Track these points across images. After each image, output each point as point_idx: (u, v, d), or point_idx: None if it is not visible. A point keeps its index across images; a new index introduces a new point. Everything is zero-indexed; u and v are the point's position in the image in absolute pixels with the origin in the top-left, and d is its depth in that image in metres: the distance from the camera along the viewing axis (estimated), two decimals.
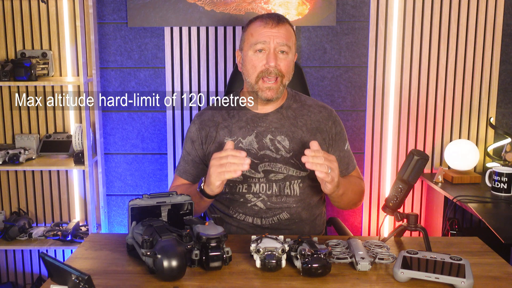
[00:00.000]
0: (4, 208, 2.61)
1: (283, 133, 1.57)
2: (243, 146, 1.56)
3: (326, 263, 1.13)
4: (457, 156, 2.42)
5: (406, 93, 2.55)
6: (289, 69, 1.54)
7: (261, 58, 1.51)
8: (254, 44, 1.51)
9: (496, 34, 2.51)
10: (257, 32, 1.51)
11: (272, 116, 1.59)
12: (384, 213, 1.46)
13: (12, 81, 2.26)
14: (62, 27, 2.47)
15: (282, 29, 1.50)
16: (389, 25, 2.50)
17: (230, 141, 1.37)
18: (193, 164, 1.63)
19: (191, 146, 1.63)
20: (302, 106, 1.64)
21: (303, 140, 1.57)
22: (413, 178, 1.34)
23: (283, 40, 1.50)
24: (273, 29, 1.49)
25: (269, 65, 1.49)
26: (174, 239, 1.11)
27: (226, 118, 1.61)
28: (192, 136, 1.64)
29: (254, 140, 1.56)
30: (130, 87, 2.55)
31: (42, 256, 1.00)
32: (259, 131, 1.57)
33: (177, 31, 2.50)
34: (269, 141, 1.56)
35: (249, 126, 1.58)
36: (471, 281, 1.07)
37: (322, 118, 1.62)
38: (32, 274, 2.67)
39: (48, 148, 2.49)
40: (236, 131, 1.58)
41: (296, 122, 1.59)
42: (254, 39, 1.51)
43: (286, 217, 1.56)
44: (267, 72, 1.50)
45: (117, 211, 2.67)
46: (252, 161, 1.53)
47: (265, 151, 1.55)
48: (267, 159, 1.54)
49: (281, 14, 1.58)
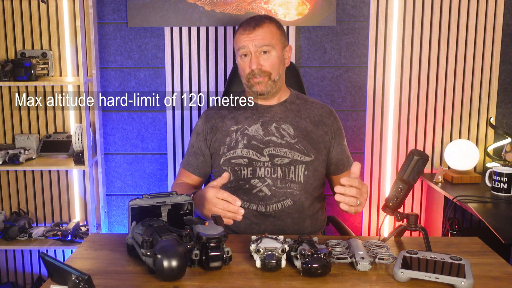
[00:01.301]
0: (4, 208, 2.61)
1: (288, 122, 1.67)
2: (248, 133, 1.64)
3: (326, 263, 1.13)
4: (457, 156, 2.42)
5: (406, 93, 2.55)
6: (274, 65, 1.64)
7: (246, 62, 1.63)
8: (238, 50, 1.65)
9: (496, 34, 2.51)
10: (238, 39, 1.64)
11: (276, 108, 1.70)
12: (384, 213, 1.47)
13: (12, 81, 2.26)
14: (62, 27, 2.47)
15: (259, 32, 1.61)
16: (389, 25, 2.50)
17: (226, 172, 1.43)
18: (195, 156, 1.72)
19: (195, 139, 1.73)
20: (305, 102, 1.75)
21: (307, 129, 1.66)
22: (413, 178, 1.34)
23: (261, 41, 1.61)
24: (250, 34, 1.61)
25: (252, 68, 1.61)
26: (174, 239, 1.11)
27: (232, 110, 1.72)
28: (198, 129, 1.73)
29: (260, 128, 1.65)
30: (130, 87, 2.55)
31: (42, 256, 1.00)
32: (265, 120, 1.67)
33: (177, 31, 2.50)
34: (274, 129, 1.65)
35: (255, 116, 1.68)
36: (471, 281, 1.07)
37: (324, 113, 1.73)
38: (32, 274, 2.67)
39: (48, 148, 2.49)
40: (242, 120, 1.68)
41: (300, 114, 1.69)
42: (237, 45, 1.65)
43: (289, 204, 1.60)
44: (252, 74, 1.62)
45: (117, 211, 2.67)
46: (257, 146, 1.62)
47: (270, 137, 1.63)
48: (273, 144, 1.62)
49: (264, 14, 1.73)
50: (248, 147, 1.62)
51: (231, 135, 1.65)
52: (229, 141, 1.65)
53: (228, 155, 1.63)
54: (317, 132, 1.67)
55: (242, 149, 1.62)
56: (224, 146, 1.65)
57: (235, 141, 1.64)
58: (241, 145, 1.63)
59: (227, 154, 1.64)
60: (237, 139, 1.64)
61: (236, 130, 1.66)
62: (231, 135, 1.65)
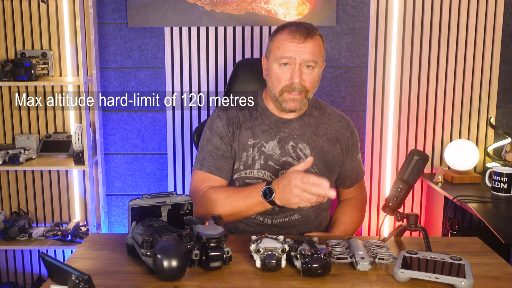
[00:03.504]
0: (4, 208, 2.61)
1: (305, 141, 1.57)
2: (265, 151, 1.55)
3: (326, 263, 1.13)
4: (457, 156, 2.42)
5: (406, 93, 2.55)
6: (314, 83, 1.52)
7: (286, 72, 1.49)
8: (280, 58, 1.48)
9: (496, 34, 2.51)
10: (283, 45, 1.48)
11: (295, 122, 1.59)
12: (384, 213, 1.46)
13: (12, 81, 2.26)
14: (62, 27, 2.47)
15: (309, 44, 1.47)
16: (389, 25, 2.50)
17: (311, 157, 1.37)
18: (225, 160, 1.57)
19: (221, 141, 1.58)
20: (322, 114, 1.64)
21: (324, 149, 1.59)
22: (413, 178, 1.34)
23: (310, 56, 1.47)
24: (301, 44, 1.46)
25: (293, 81, 1.48)
26: (174, 239, 1.11)
27: (249, 118, 1.60)
28: (221, 132, 1.58)
29: (277, 146, 1.56)
30: (130, 87, 2.55)
31: (42, 256, 1.00)
32: (282, 137, 1.57)
33: (177, 31, 2.50)
34: (291, 148, 1.57)
35: (272, 131, 1.57)
36: (471, 281, 1.07)
37: (341, 128, 1.63)
38: (32, 274, 2.67)
39: (48, 148, 2.49)
40: (259, 134, 1.57)
41: (317, 130, 1.60)
42: (280, 52, 1.48)
43: (296, 218, 1.58)
44: (291, 88, 1.49)
45: (117, 211, 2.67)
46: (274, 167, 1.54)
47: (286, 158, 1.56)
48: (288, 166, 1.54)
49: (310, 24, 1.54)
50: (265, 168, 1.54)
51: (248, 151, 1.56)
52: (246, 157, 1.56)
53: (243, 174, 1.56)
54: (333, 152, 1.60)
55: (259, 170, 1.55)
56: (240, 162, 1.56)
57: (251, 160, 1.55)
58: (257, 166, 1.55)
59: (242, 172, 1.56)
60: (254, 157, 1.55)
61: (253, 146, 1.56)
62: (248, 151, 1.56)
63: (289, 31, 1.48)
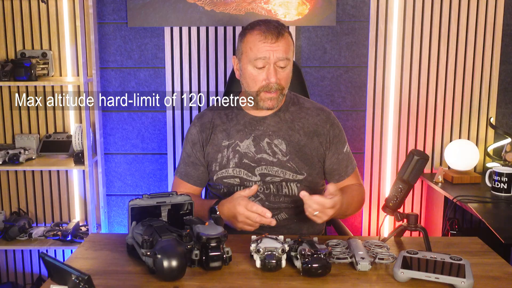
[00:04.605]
0: (4, 208, 2.61)
1: (280, 136, 1.58)
2: (240, 149, 1.57)
3: (326, 263, 1.13)
4: (457, 156, 2.42)
5: (406, 93, 2.55)
6: (288, 79, 1.55)
7: (261, 72, 1.50)
8: (254, 60, 1.49)
9: (496, 34, 2.51)
10: (256, 46, 1.48)
11: (269, 119, 1.60)
12: (384, 213, 1.46)
13: (12, 81, 2.26)
14: (62, 27, 2.47)
15: (281, 43, 1.48)
16: (389, 25, 2.50)
17: (256, 185, 1.44)
18: (194, 167, 1.63)
19: (191, 149, 1.63)
20: (300, 108, 1.64)
21: (300, 143, 1.58)
22: (413, 178, 1.34)
23: (283, 54, 1.48)
24: (273, 44, 1.48)
25: (270, 81, 1.49)
26: (174, 239, 1.11)
27: (225, 121, 1.62)
28: (193, 139, 1.63)
29: (252, 144, 1.57)
30: (130, 87, 2.55)
31: (42, 256, 1.00)
32: (257, 135, 1.58)
33: (177, 31, 2.50)
34: (266, 145, 1.57)
35: (247, 130, 1.59)
36: (471, 281, 1.07)
37: (319, 121, 1.62)
38: (32, 274, 2.67)
39: (48, 148, 2.49)
40: (234, 134, 1.59)
41: (293, 125, 1.60)
42: (253, 54, 1.49)
43: (284, 217, 1.57)
44: (268, 87, 1.50)
45: (117, 211, 2.67)
46: (249, 164, 1.56)
47: (262, 155, 1.56)
48: (264, 162, 1.55)
49: (278, 19, 1.56)
50: (240, 166, 1.56)
51: (223, 152, 1.58)
52: (221, 158, 1.58)
53: (220, 174, 1.58)
54: (311, 145, 1.59)
55: (234, 169, 1.56)
56: (215, 163, 1.58)
57: (226, 159, 1.57)
58: (232, 164, 1.56)
59: (219, 172, 1.58)
60: (228, 156, 1.57)
61: (227, 146, 1.58)
62: (223, 152, 1.58)
63: (260, 32, 1.49)
